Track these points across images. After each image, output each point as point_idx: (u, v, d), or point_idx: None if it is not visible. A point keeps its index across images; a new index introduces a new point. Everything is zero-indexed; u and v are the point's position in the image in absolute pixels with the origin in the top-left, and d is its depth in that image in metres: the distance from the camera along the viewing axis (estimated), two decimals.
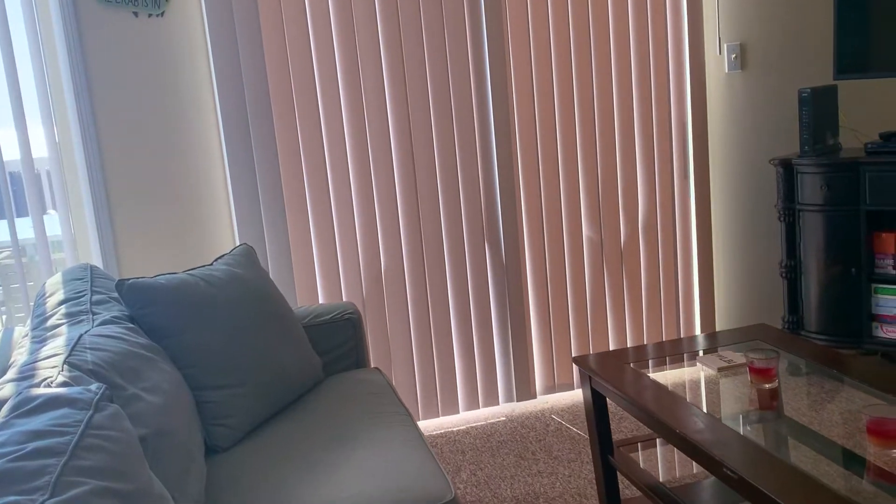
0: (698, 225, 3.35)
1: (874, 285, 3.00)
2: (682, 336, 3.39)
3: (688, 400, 2.05)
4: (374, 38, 2.92)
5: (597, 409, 2.36)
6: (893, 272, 2.97)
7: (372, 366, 2.90)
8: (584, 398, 2.40)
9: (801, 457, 1.77)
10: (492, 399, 3.24)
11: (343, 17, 2.88)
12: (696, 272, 3.38)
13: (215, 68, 2.75)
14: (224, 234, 2.86)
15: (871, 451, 1.63)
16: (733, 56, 3.26)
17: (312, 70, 2.88)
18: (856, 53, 3.06)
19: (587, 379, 2.35)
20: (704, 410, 1.97)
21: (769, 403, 2.01)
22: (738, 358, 2.18)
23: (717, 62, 3.27)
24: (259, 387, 2.08)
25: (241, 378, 2.04)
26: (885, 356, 3.29)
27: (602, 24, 3.13)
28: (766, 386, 2.03)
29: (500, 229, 3.15)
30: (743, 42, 3.27)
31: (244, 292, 2.14)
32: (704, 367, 2.21)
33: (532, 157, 3.15)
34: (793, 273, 3.16)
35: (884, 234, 2.98)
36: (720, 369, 2.15)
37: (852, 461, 1.71)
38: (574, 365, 2.89)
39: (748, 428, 1.98)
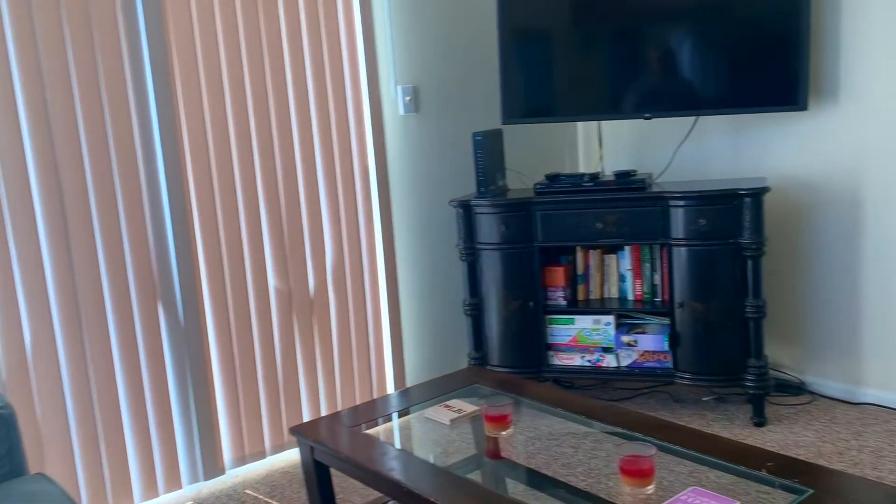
0: (387, 269, 3.27)
1: (548, 317, 3.18)
2: (374, 378, 3.28)
3: (432, 461, 1.91)
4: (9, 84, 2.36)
5: (319, 479, 2.11)
6: (564, 303, 3.18)
7: (31, 472, 2.30)
8: (304, 469, 2.14)
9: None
10: (174, 482, 2.79)
11: None
12: (385, 315, 3.30)
13: None
14: None
15: (626, 490, 1.64)
16: (407, 98, 3.27)
17: None
18: (521, 100, 3.25)
19: (308, 449, 2.09)
20: (446, 467, 1.85)
21: (508, 450, 1.96)
22: (467, 406, 2.10)
23: (393, 104, 3.25)
24: None
25: None
26: (556, 382, 3.52)
27: (278, 67, 2.92)
28: (503, 432, 1.97)
29: (175, 286, 2.75)
30: (416, 85, 3.30)
31: None
32: (435, 419, 2.09)
33: (209, 205, 2.80)
34: (476, 310, 3.23)
35: (555, 269, 3.18)
36: (453, 421, 2.06)
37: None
38: (292, 434, 2.56)
39: (489, 478, 1.90)
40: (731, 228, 2.84)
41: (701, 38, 3.00)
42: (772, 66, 2.93)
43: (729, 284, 2.88)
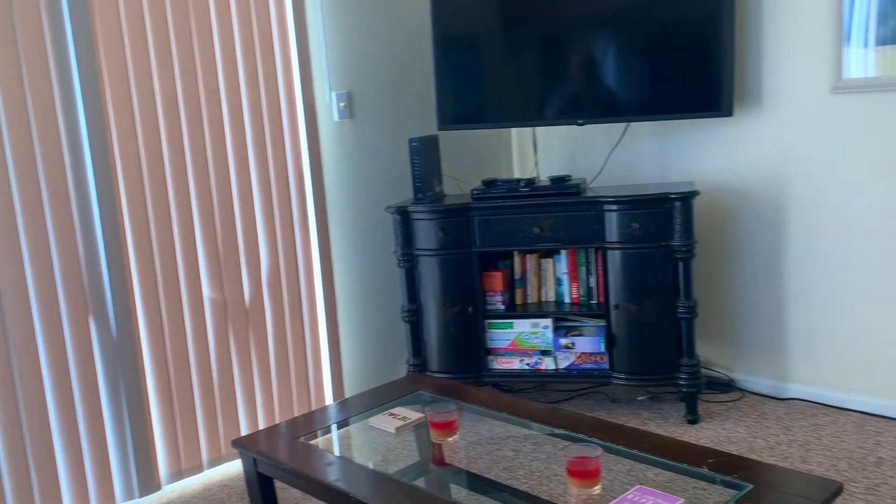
0: (323, 277, 3.24)
1: (487, 321, 3.20)
2: (312, 389, 3.24)
3: (376, 468, 1.90)
4: None
5: (263, 491, 2.08)
6: (502, 308, 3.21)
7: None
8: (247, 482, 2.10)
9: None
10: (107, 499, 2.70)
11: None
12: (323, 324, 3.27)
13: None
14: None
15: (574, 491, 1.66)
16: (342, 104, 3.25)
17: None
18: (456, 106, 3.27)
19: (251, 461, 2.05)
20: (391, 475, 1.84)
21: (452, 455, 1.96)
22: (412, 413, 2.10)
23: (328, 110, 3.22)
24: None
25: None
26: (495, 386, 3.54)
27: (210, 73, 2.86)
28: (450, 438, 1.98)
29: (107, 297, 2.66)
30: (350, 91, 3.28)
31: None
32: (380, 427, 2.08)
33: (141, 213, 2.73)
34: (415, 317, 3.23)
35: (493, 274, 3.21)
36: (398, 429, 2.05)
37: None
38: (235, 447, 2.53)
39: (433, 484, 1.90)
40: (663, 231, 2.91)
41: (628, 45, 3.07)
42: (697, 73, 3.02)
43: (661, 286, 2.95)
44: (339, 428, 2.16)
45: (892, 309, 2.91)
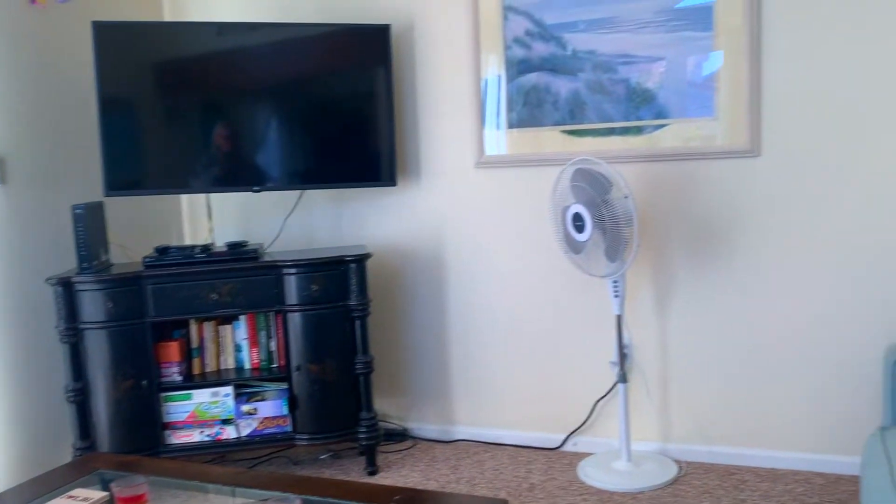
0: None
1: (163, 394, 3.08)
2: None
3: None
4: None
5: None
6: (180, 379, 3.12)
7: None
8: None
9: None
10: None
11: None
12: None
13: None
14: None
15: None
16: None
17: None
18: (123, 172, 3.15)
19: None
20: None
21: None
22: (94, 493, 1.96)
23: None
24: None
25: None
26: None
27: None
28: None
29: None
30: (2, 156, 3.01)
31: None
32: None
33: None
34: (81, 396, 3.00)
35: (168, 344, 3.11)
36: None
37: None
38: None
39: None
40: (340, 292, 3.08)
41: (292, 116, 3.24)
42: (362, 145, 3.28)
43: (340, 344, 3.10)
44: None
45: (532, 351, 3.37)
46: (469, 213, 3.40)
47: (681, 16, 2.96)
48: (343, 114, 3.26)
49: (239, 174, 3.24)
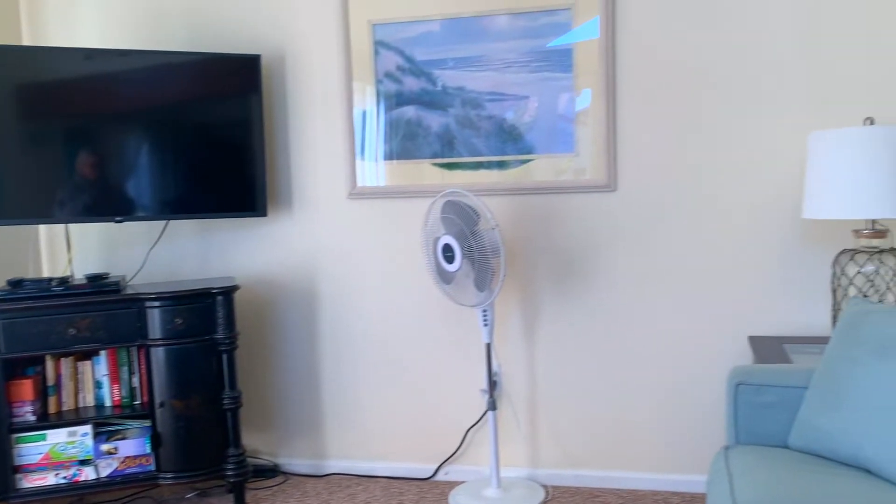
0: None
1: (15, 436, 2.91)
2: None
3: None
4: None
5: None
6: (33, 418, 2.96)
7: None
8: None
9: None
10: None
11: None
12: None
13: None
14: None
15: None
16: None
17: None
18: None
19: None
20: None
21: None
22: None
23: None
24: None
25: None
26: None
27: None
28: None
29: None
30: None
31: None
32: None
33: None
34: None
35: (21, 382, 2.94)
36: None
37: None
38: None
39: None
40: (206, 325, 3.01)
41: (160, 144, 3.17)
42: (232, 175, 3.24)
43: (207, 379, 3.02)
44: None
45: (405, 381, 3.39)
46: (342, 244, 3.41)
47: (543, 57, 3.11)
48: (213, 143, 3.22)
49: (103, 203, 3.12)
